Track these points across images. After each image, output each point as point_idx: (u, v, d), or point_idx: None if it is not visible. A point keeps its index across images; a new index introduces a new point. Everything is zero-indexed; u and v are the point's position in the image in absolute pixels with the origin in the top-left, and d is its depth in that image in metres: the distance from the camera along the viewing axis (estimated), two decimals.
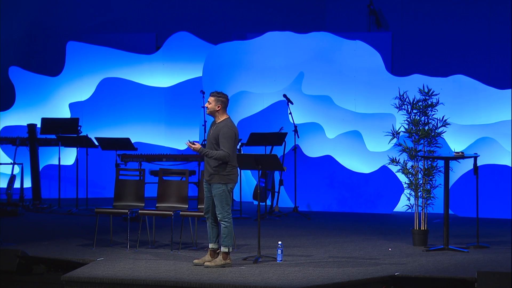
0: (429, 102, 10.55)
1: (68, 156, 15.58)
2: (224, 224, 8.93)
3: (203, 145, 9.29)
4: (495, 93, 13.93)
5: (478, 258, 9.53)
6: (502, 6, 15.80)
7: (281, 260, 9.23)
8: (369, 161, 14.28)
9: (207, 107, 8.96)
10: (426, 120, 10.55)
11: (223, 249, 8.95)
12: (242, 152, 12.82)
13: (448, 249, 10.02)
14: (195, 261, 9.04)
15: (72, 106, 15.91)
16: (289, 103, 13.65)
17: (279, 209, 13.71)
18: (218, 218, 8.94)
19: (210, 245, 9.07)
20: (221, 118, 8.96)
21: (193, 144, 8.82)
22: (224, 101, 8.95)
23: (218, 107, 8.94)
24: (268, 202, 13.88)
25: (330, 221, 13.21)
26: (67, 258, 9.45)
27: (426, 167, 10.50)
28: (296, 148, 13.87)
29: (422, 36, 16.33)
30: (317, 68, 14.60)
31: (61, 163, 14.59)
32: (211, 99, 8.96)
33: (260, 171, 9.87)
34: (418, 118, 10.54)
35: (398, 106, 10.66)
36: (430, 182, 10.53)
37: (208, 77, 15.05)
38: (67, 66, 16.05)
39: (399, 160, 10.70)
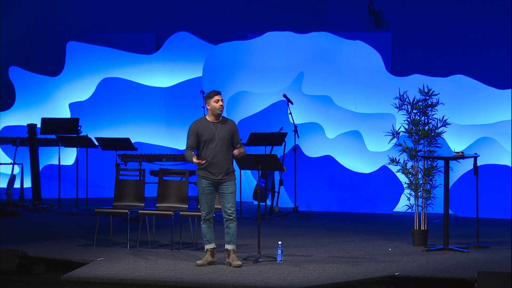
0: (429, 102, 10.55)
1: (68, 156, 15.58)
2: (235, 221, 8.99)
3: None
4: (495, 93, 13.93)
5: (478, 258, 9.53)
6: (502, 6, 15.80)
7: (281, 260, 9.23)
8: (369, 161, 14.28)
9: (222, 105, 8.95)
10: (426, 120, 10.55)
11: (233, 247, 8.96)
12: None
13: (448, 249, 10.02)
14: (199, 262, 9.01)
15: (72, 106, 15.91)
16: (289, 103, 13.65)
17: (279, 209, 13.71)
18: (231, 217, 8.92)
19: (212, 246, 9.05)
20: (221, 116, 9.04)
21: (239, 150, 8.85)
22: None
23: None
24: (268, 202, 13.88)
25: (330, 221, 13.21)
26: (67, 258, 9.45)
27: (426, 167, 10.50)
28: (296, 148, 13.87)
29: (422, 36, 16.33)
30: (317, 68, 14.60)
31: (61, 163, 14.59)
32: (221, 96, 8.98)
33: (260, 171, 9.87)
34: (418, 118, 10.54)
35: (398, 106, 10.66)
36: (430, 182, 10.53)
37: (208, 77, 15.05)
38: (67, 66, 16.05)
39: (399, 160, 10.70)
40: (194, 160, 8.80)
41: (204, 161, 8.84)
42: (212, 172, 8.90)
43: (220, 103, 8.94)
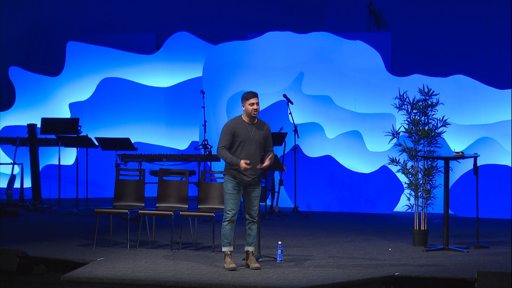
0: (429, 102, 10.56)
1: (68, 156, 15.58)
2: (256, 224, 8.95)
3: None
4: (495, 93, 13.94)
5: (478, 258, 9.53)
6: (502, 6, 15.79)
7: (281, 260, 9.23)
8: (369, 161, 14.28)
9: (256, 109, 8.77)
10: (426, 120, 10.55)
11: (253, 249, 8.92)
12: None
13: (448, 249, 10.02)
14: (231, 266, 8.74)
15: (72, 106, 15.91)
16: (289, 103, 13.65)
17: (279, 209, 13.71)
18: (255, 219, 8.88)
19: (231, 248, 8.87)
20: (256, 117, 8.88)
21: (267, 162, 8.74)
22: None
23: None
24: (268, 202, 13.88)
25: (330, 221, 13.21)
26: (67, 258, 9.45)
27: (426, 167, 10.50)
28: (296, 148, 13.87)
29: (422, 36, 16.32)
30: (317, 68, 14.60)
31: (61, 163, 14.59)
32: (257, 99, 8.81)
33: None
34: (418, 118, 10.54)
35: (398, 106, 10.66)
36: (430, 182, 10.53)
37: (208, 77, 15.05)
38: (67, 66, 16.05)
39: (399, 160, 10.70)
40: (244, 165, 8.57)
41: (250, 166, 8.62)
42: (246, 174, 8.74)
43: (255, 106, 8.74)
